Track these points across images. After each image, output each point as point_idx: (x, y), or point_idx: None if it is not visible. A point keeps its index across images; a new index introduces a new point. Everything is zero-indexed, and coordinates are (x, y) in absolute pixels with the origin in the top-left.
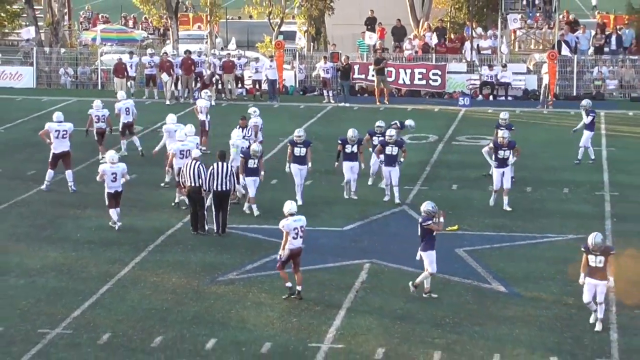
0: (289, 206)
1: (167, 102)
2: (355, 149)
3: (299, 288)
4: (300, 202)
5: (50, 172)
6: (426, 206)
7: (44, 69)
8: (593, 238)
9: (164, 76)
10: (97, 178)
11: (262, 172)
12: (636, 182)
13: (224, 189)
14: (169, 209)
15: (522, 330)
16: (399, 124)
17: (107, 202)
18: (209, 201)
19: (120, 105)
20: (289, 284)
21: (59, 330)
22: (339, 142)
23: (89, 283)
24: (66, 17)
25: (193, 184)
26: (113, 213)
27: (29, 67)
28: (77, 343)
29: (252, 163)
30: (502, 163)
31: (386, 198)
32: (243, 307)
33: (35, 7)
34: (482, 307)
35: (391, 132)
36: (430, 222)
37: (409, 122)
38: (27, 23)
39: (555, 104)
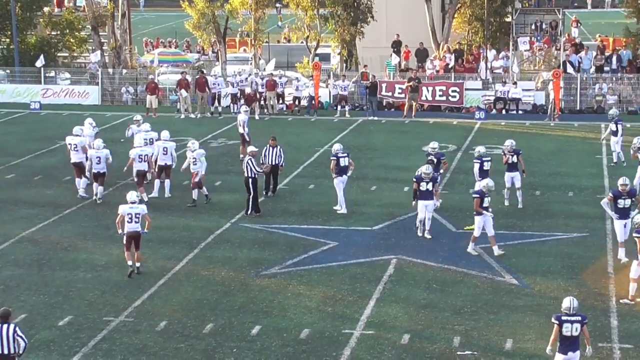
0: (130, 196)
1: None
2: (430, 186)
3: (137, 265)
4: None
5: (77, 181)
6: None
7: (108, 87)
8: (570, 302)
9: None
10: (87, 162)
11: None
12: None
13: (275, 162)
14: (219, 211)
15: (532, 318)
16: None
17: (91, 179)
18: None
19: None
20: (129, 263)
21: (122, 318)
22: (414, 180)
23: (148, 277)
24: (127, 42)
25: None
26: (96, 187)
27: (95, 86)
28: (138, 329)
29: (486, 202)
30: (623, 214)
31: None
32: (284, 297)
33: (100, 33)
34: (496, 298)
35: (428, 169)
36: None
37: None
38: (94, 47)
39: (561, 117)
